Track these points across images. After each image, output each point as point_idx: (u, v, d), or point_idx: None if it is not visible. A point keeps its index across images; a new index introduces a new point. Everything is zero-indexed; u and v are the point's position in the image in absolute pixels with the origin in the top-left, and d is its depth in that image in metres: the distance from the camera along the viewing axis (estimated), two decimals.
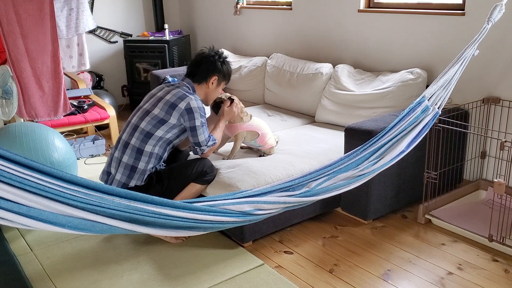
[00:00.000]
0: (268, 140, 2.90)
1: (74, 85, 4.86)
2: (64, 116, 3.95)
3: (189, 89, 2.64)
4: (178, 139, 2.64)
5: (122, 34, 5.70)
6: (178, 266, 2.45)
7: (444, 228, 2.77)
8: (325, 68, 3.72)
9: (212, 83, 2.69)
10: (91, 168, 3.86)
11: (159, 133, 2.53)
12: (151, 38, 5.41)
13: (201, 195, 2.80)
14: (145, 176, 2.56)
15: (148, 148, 2.54)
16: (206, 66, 2.66)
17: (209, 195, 2.57)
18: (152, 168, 2.58)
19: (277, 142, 3.00)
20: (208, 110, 2.83)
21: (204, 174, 2.62)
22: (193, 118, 2.52)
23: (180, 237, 2.67)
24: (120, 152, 2.59)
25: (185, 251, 2.59)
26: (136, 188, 2.52)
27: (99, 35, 5.57)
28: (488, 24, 2.51)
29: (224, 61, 2.72)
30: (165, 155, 2.64)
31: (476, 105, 3.04)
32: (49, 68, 3.77)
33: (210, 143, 2.61)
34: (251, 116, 2.90)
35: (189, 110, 2.51)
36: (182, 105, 2.51)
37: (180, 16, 6.04)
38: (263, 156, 2.90)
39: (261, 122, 2.94)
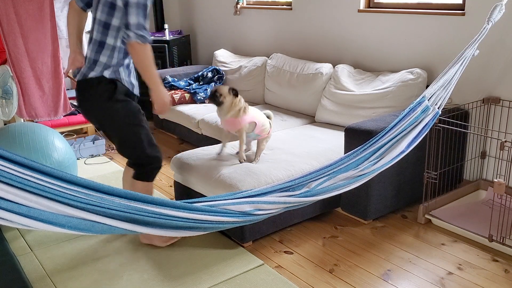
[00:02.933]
0: (264, 127, 2.80)
1: (74, 85, 4.86)
2: (64, 116, 3.96)
3: None
4: None
5: None
6: (178, 266, 2.45)
7: (444, 228, 2.77)
8: (325, 68, 3.73)
9: None
10: (91, 168, 3.86)
11: (116, 22, 2.30)
12: (151, 38, 5.39)
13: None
14: (107, 70, 2.37)
15: (110, 40, 2.34)
16: None
17: (209, 195, 2.57)
18: (117, 64, 2.40)
19: (270, 122, 2.87)
20: None
21: (148, 158, 2.42)
22: None
23: (172, 239, 2.63)
24: (89, 49, 2.42)
25: (185, 251, 2.59)
26: (95, 80, 2.35)
27: None
28: (488, 24, 2.51)
29: None
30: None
31: (476, 105, 3.04)
32: (49, 68, 3.78)
33: (140, 32, 2.22)
34: (248, 106, 2.78)
35: None
36: None
37: (180, 16, 6.04)
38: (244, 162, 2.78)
39: (255, 110, 2.83)
